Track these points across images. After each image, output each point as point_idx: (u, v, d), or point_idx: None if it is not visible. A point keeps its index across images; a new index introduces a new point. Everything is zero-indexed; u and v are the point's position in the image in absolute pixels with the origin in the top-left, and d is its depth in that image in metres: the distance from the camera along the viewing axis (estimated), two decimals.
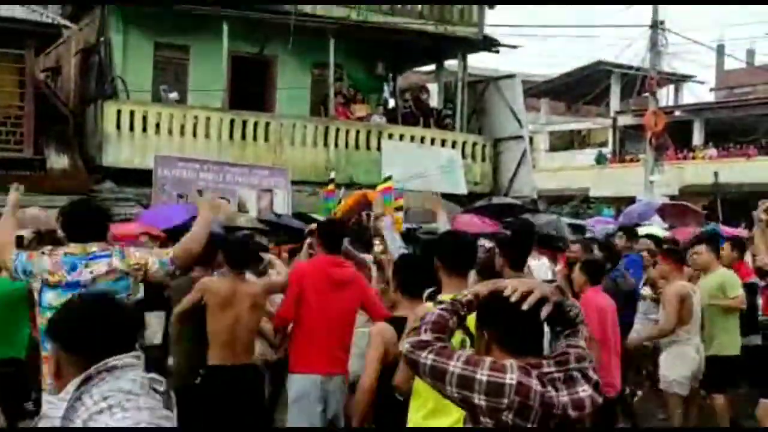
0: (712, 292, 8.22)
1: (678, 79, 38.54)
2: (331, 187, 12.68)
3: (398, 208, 12.19)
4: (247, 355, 6.44)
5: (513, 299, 2.69)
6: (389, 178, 12.20)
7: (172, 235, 11.13)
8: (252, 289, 6.47)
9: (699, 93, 42.77)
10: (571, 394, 2.65)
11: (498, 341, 2.75)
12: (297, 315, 6.32)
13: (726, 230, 16.89)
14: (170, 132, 19.07)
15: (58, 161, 18.80)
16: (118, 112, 18.71)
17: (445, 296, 4.47)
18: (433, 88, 24.79)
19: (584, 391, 2.68)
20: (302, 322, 6.30)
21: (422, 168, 20.43)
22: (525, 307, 2.67)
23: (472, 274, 4.74)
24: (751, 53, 46.50)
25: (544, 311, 2.72)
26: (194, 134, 19.30)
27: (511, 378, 2.58)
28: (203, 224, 5.44)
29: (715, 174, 33.06)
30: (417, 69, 28.24)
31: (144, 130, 18.86)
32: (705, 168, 33.73)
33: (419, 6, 21.82)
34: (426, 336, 2.74)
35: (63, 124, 19.54)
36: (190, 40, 20.30)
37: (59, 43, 20.19)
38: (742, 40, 52.95)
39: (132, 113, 18.81)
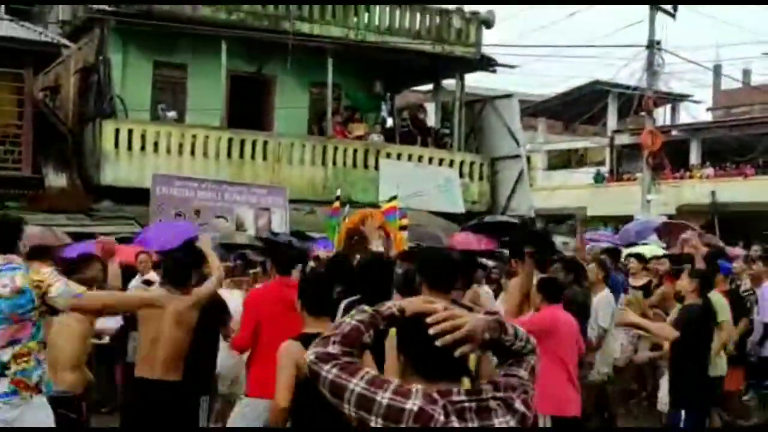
0: None
1: (675, 99, 38.64)
2: (336, 204, 12.66)
3: (402, 227, 12.20)
4: (171, 372, 6.22)
5: (431, 332, 2.51)
6: (394, 197, 12.18)
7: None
8: (179, 305, 6.29)
9: (696, 113, 42.91)
10: (483, 424, 2.48)
11: (411, 364, 2.59)
12: (253, 341, 6.30)
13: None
14: (168, 151, 19.12)
15: (57, 180, 18.83)
16: (117, 130, 18.76)
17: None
18: (430, 107, 24.91)
19: (501, 422, 2.51)
20: (258, 348, 6.25)
21: (420, 187, 20.46)
22: (439, 344, 2.50)
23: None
24: (747, 73, 46.64)
25: (458, 352, 2.52)
26: (192, 153, 19.35)
27: (413, 404, 2.42)
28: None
29: (713, 193, 33.13)
30: (414, 88, 28.35)
31: (142, 148, 18.92)
32: (702, 187, 33.79)
33: (417, 25, 21.96)
34: (333, 348, 2.56)
35: (61, 142, 19.59)
36: (189, 59, 20.40)
37: (58, 62, 20.25)
38: (738, 60, 53.05)
39: (130, 132, 18.87)
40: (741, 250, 16.52)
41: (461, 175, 22.04)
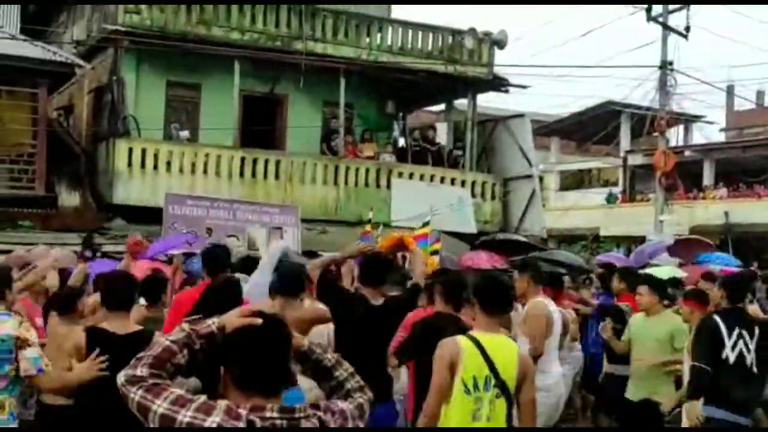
0: (661, 338, 7.88)
1: (688, 120, 38.60)
2: (368, 227, 12.56)
3: (434, 252, 12.17)
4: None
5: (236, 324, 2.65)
6: (427, 223, 12.12)
7: None
8: (62, 331, 6.23)
9: (709, 133, 42.81)
10: None
11: (231, 379, 2.62)
12: None
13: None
14: (181, 170, 19.18)
15: (70, 199, 18.93)
16: (130, 150, 18.83)
17: (477, 332, 4.59)
18: (442, 127, 24.92)
19: None
20: None
21: (432, 207, 20.41)
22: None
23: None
24: (760, 94, 46.57)
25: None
26: (205, 172, 19.39)
27: (212, 421, 2.43)
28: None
29: (726, 214, 32.99)
30: (426, 108, 28.40)
31: (155, 167, 18.97)
32: (715, 208, 33.68)
33: (429, 46, 22.01)
34: (141, 371, 2.60)
35: (75, 162, 19.70)
36: (202, 78, 20.48)
37: (72, 82, 20.39)
38: (751, 80, 52.98)
39: (143, 151, 18.94)
40: (756, 269, 16.44)
41: (473, 195, 22.01)
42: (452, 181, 21.97)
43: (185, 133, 20.04)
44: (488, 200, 22.45)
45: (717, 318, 6.59)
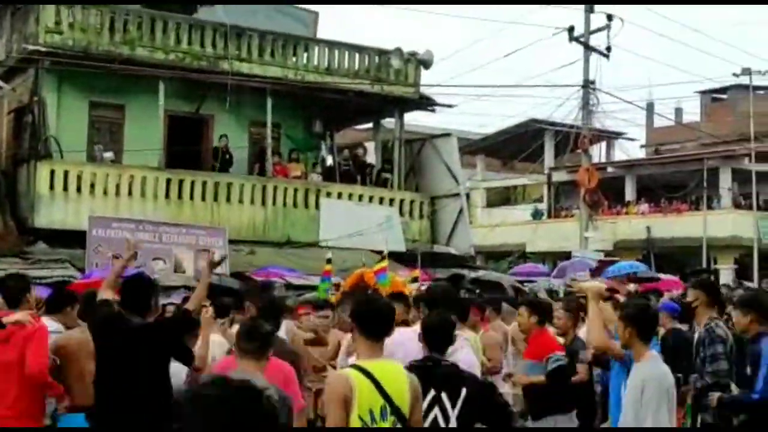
0: None
1: (609, 136, 39.43)
2: (328, 267, 12.39)
3: (414, 279, 12.12)
4: None
5: None
6: (384, 258, 12.06)
7: None
8: None
9: (630, 150, 43.81)
10: None
11: None
12: None
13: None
14: (105, 192, 18.84)
15: None
16: (52, 172, 18.44)
17: (363, 361, 4.45)
18: (370, 146, 24.99)
19: None
20: None
21: (360, 226, 20.49)
22: None
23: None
24: (679, 111, 47.88)
25: None
26: (130, 194, 19.09)
27: None
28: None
29: (648, 229, 33.76)
30: (354, 127, 28.48)
31: (78, 190, 18.60)
32: (637, 223, 34.44)
33: (356, 65, 22.10)
34: None
35: None
36: (126, 99, 20.20)
37: None
38: (670, 99, 54.49)
39: (66, 173, 18.56)
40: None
41: (402, 214, 22.11)
42: (380, 200, 22.04)
43: (109, 155, 19.70)
44: (416, 218, 22.56)
45: None
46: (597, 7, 26.00)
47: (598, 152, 38.86)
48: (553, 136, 37.13)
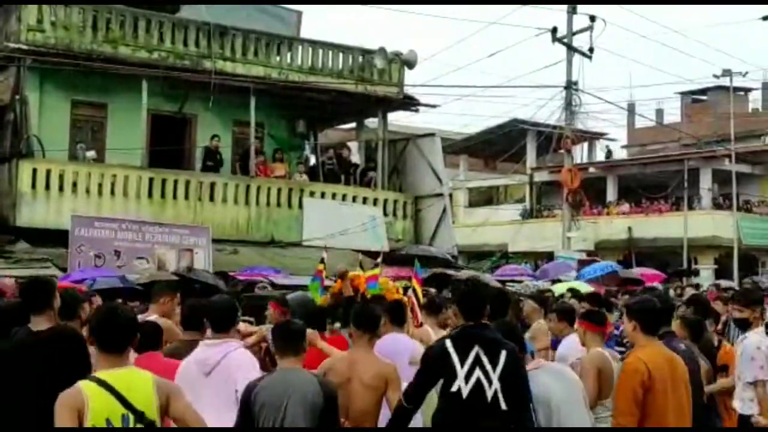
0: None
1: (591, 137, 39.61)
2: (320, 266, 12.29)
3: (406, 288, 12.05)
4: None
5: None
6: (377, 265, 11.99)
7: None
8: None
9: (611, 150, 44.06)
10: None
11: None
12: None
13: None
14: (87, 191, 18.74)
15: None
16: (34, 171, 18.33)
17: (101, 372, 4.37)
18: (353, 145, 25.01)
19: None
20: None
21: (344, 225, 20.50)
22: None
23: None
24: (660, 112, 48.18)
25: None
26: (112, 193, 19.01)
27: None
28: None
29: (629, 229, 33.95)
30: (337, 127, 28.47)
31: (60, 189, 18.51)
32: (619, 223, 34.61)
33: (340, 65, 22.10)
34: None
35: None
36: (108, 98, 20.10)
37: None
38: (651, 100, 54.86)
39: (48, 172, 18.45)
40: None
41: (385, 214, 22.13)
42: (364, 200, 22.06)
43: (91, 154, 19.61)
44: (400, 218, 22.60)
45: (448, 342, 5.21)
46: (580, 8, 26.12)
47: (579, 153, 39.06)
48: (536, 137, 37.28)
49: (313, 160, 23.93)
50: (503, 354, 5.01)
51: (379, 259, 11.94)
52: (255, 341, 6.94)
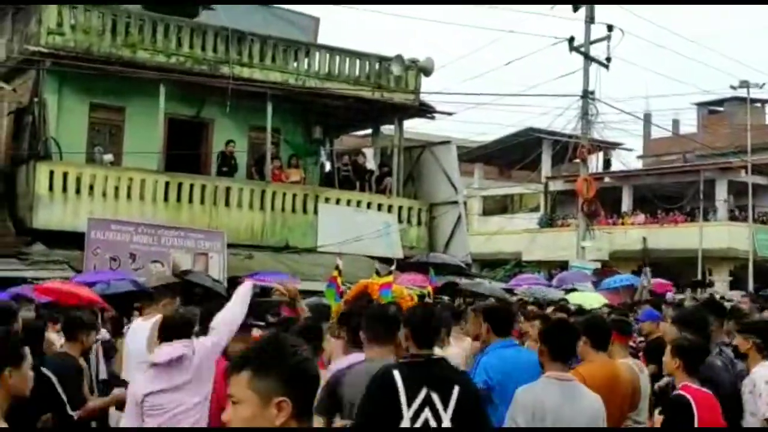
0: None
1: (607, 147, 39.51)
2: (335, 273, 12.28)
3: (422, 295, 12.04)
4: None
5: None
6: (390, 273, 11.98)
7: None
8: None
9: (627, 160, 43.94)
10: None
11: None
12: None
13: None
14: (104, 194, 18.83)
15: None
16: (51, 173, 18.43)
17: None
18: (368, 152, 25.03)
19: None
20: None
21: (358, 232, 20.51)
22: None
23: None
24: (676, 122, 48.01)
25: None
26: (129, 196, 19.09)
27: None
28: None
29: (644, 240, 33.82)
30: (353, 133, 28.51)
31: (77, 191, 18.60)
32: (634, 234, 34.49)
33: (356, 71, 22.14)
34: None
35: None
36: (126, 101, 20.20)
37: None
38: (667, 110, 54.70)
39: (65, 175, 18.55)
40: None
41: (400, 221, 22.13)
42: (379, 207, 22.05)
43: (108, 157, 19.71)
44: (414, 225, 22.59)
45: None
46: (597, 18, 26.08)
47: (595, 162, 38.95)
48: (551, 146, 37.22)
49: (328, 166, 23.97)
50: (456, 391, 4.51)
51: (393, 267, 11.86)
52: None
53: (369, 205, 21.95)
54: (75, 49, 18.87)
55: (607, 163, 42.33)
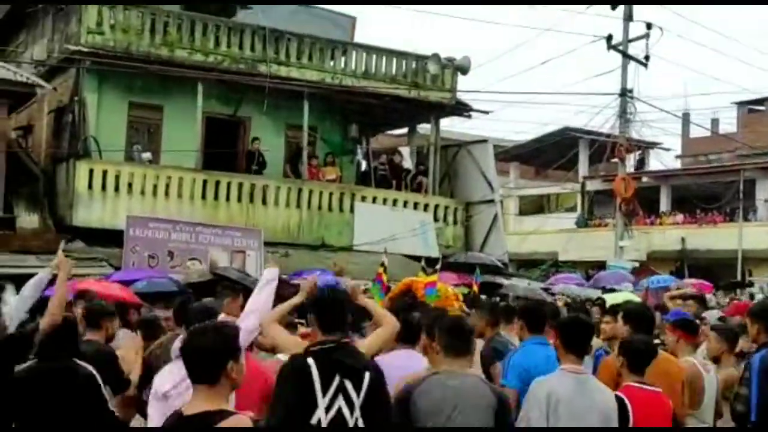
0: None
1: (645, 146, 39.14)
2: (380, 270, 12.28)
3: (467, 294, 12.02)
4: None
5: None
6: (435, 271, 11.95)
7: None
8: None
9: (665, 160, 43.48)
10: None
11: None
12: None
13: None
14: (142, 192, 18.98)
15: (28, 220, 18.62)
16: (91, 171, 18.60)
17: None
18: (404, 150, 25.00)
19: None
20: None
21: (394, 230, 20.48)
22: None
23: None
24: (715, 122, 47.45)
25: None
26: (167, 194, 19.22)
27: None
28: None
29: (682, 240, 33.45)
30: (389, 132, 28.49)
31: (116, 189, 18.76)
32: (672, 234, 34.14)
33: (393, 70, 22.11)
34: None
35: (34, 182, 19.40)
36: (165, 100, 20.33)
37: (32, 102, 20.13)
38: (706, 109, 54.07)
39: (104, 173, 18.72)
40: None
41: (436, 219, 22.08)
42: (415, 206, 22.01)
43: (147, 155, 19.87)
44: (450, 224, 22.52)
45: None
46: (636, 16, 25.82)
47: (633, 162, 38.58)
48: (588, 145, 36.94)
49: (364, 165, 23.97)
50: (367, 377, 4.53)
51: (438, 266, 11.86)
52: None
53: (405, 204, 21.91)
54: (114, 48, 19.03)
55: (641, 162, 41.90)
